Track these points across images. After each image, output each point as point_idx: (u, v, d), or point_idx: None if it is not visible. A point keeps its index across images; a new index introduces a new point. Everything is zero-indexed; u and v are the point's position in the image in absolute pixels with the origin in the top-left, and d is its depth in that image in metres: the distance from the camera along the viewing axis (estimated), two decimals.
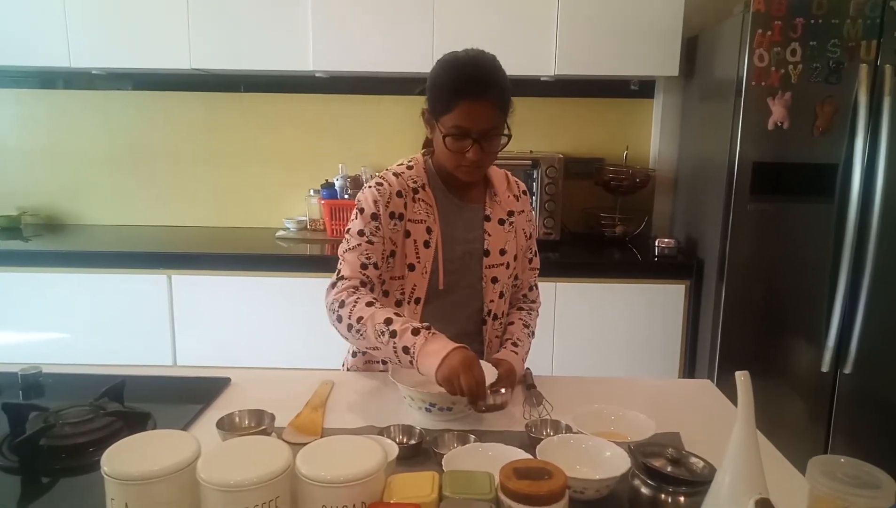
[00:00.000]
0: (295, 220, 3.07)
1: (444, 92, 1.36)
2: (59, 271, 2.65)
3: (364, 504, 0.83)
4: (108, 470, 0.82)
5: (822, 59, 2.23)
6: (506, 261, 1.53)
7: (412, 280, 1.46)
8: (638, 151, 3.10)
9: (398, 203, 1.45)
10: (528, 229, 1.61)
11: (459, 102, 1.33)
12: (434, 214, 1.47)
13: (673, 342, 2.66)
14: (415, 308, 1.46)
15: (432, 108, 1.40)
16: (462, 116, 1.34)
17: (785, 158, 2.31)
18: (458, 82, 1.34)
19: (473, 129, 1.34)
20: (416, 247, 1.45)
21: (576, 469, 1.03)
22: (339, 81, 3.06)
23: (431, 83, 1.40)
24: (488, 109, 1.34)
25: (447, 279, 1.47)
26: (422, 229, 1.45)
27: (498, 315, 1.55)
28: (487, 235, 1.51)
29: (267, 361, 2.64)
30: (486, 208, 1.53)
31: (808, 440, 2.45)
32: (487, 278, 1.51)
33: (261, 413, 1.18)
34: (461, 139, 1.36)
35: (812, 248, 2.34)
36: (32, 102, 3.17)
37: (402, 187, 1.46)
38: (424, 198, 1.47)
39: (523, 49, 2.69)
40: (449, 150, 1.38)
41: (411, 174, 1.48)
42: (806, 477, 0.84)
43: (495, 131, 1.38)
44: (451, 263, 1.48)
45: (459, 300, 1.50)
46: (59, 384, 1.42)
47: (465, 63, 1.37)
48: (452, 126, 1.35)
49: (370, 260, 1.42)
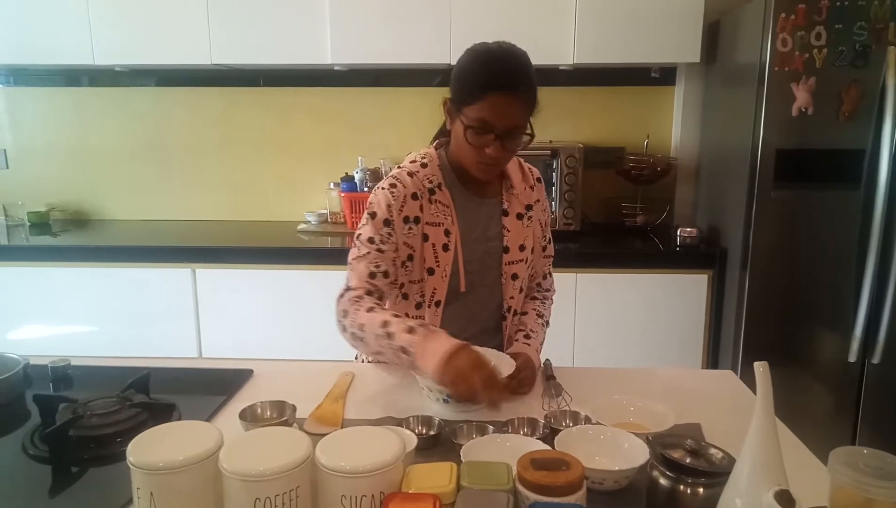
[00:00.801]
0: (316, 213, 3.09)
1: (472, 82, 1.30)
2: (87, 266, 2.71)
3: (382, 494, 0.84)
4: (133, 460, 0.84)
5: (847, 42, 2.17)
6: (525, 257, 1.50)
7: (432, 284, 1.42)
8: (659, 140, 3.06)
9: (413, 206, 1.40)
10: (542, 218, 1.58)
11: (487, 94, 1.28)
12: (452, 214, 1.42)
13: (696, 332, 2.63)
14: (435, 311, 1.44)
15: (457, 97, 1.34)
16: (488, 109, 1.29)
17: (809, 145, 2.26)
18: (488, 74, 1.29)
19: (498, 124, 1.30)
20: (434, 251, 1.41)
21: (594, 459, 1.03)
22: (357, 73, 3.07)
23: (459, 72, 1.34)
24: (516, 105, 1.30)
25: (467, 280, 1.44)
26: (440, 233, 1.41)
27: (517, 311, 1.54)
28: (506, 231, 1.48)
29: (290, 352, 2.67)
30: (503, 201, 1.49)
31: (835, 432, 2.41)
32: (507, 274, 1.48)
33: (282, 405, 1.20)
34: (483, 133, 1.31)
35: (838, 236, 2.30)
36: (59, 99, 3.23)
37: (417, 189, 1.41)
38: (441, 199, 1.42)
39: (542, 38, 2.66)
40: (469, 143, 1.33)
41: (426, 173, 1.43)
42: (827, 468, 0.83)
43: (519, 130, 1.33)
44: (471, 264, 1.45)
45: (479, 299, 1.49)
46: (88, 376, 1.46)
47: (499, 55, 1.32)
48: (476, 118, 1.30)
49: (379, 269, 1.38)
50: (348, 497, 0.84)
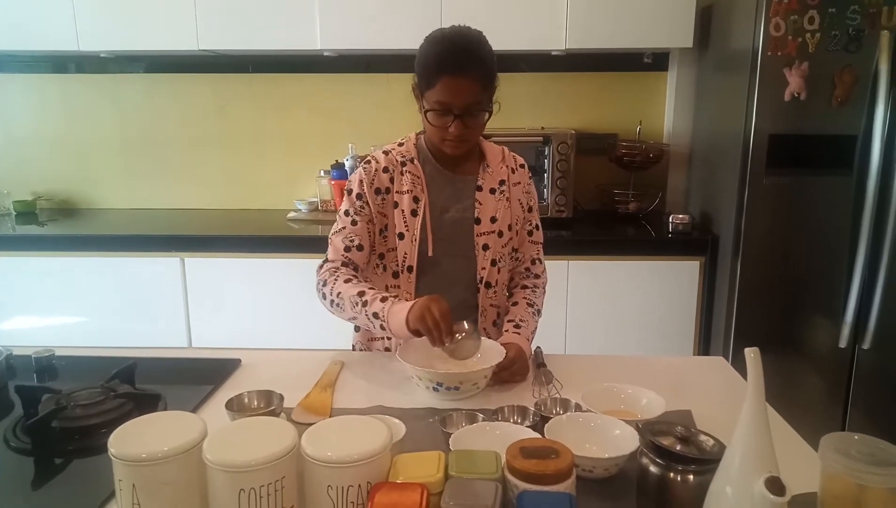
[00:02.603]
0: (306, 201, 3.07)
1: (427, 68, 1.38)
2: (75, 255, 2.68)
3: (369, 483, 0.83)
4: (114, 452, 0.82)
5: (841, 26, 2.16)
6: (497, 229, 1.53)
7: (403, 249, 1.49)
8: (651, 126, 3.05)
9: (384, 179, 1.49)
10: (525, 200, 1.60)
11: (441, 77, 1.35)
12: (422, 184, 1.49)
13: (687, 319, 2.63)
14: (409, 277, 1.49)
15: (418, 83, 1.43)
16: (443, 92, 1.36)
17: (802, 130, 2.25)
18: (439, 58, 1.36)
19: (455, 104, 1.37)
20: (403, 216, 1.48)
21: (584, 447, 1.02)
22: (347, 59, 3.04)
23: (417, 59, 1.42)
24: (469, 84, 1.36)
25: (438, 247, 1.49)
26: (409, 199, 1.48)
27: (492, 284, 1.55)
28: (478, 204, 1.52)
29: (280, 341, 2.65)
30: (478, 178, 1.54)
31: (826, 418, 2.42)
32: (479, 245, 1.52)
33: (270, 394, 1.19)
34: (443, 115, 1.38)
35: (830, 222, 2.30)
36: (45, 86, 3.18)
37: (388, 163, 1.50)
38: (412, 170, 1.50)
39: (533, 23, 2.63)
40: (432, 125, 1.41)
41: (401, 150, 1.52)
42: (818, 455, 0.83)
43: (477, 107, 1.39)
44: (441, 230, 1.50)
45: (453, 270, 1.52)
46: (72, 366, 1.44)
47: (449, 39, 1.39)
48: (434, 101, 1.38)
49: (353, 243, 1.49)
50: (334, 487, 0.82)
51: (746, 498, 0.74)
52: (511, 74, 2.99)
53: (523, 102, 3.03)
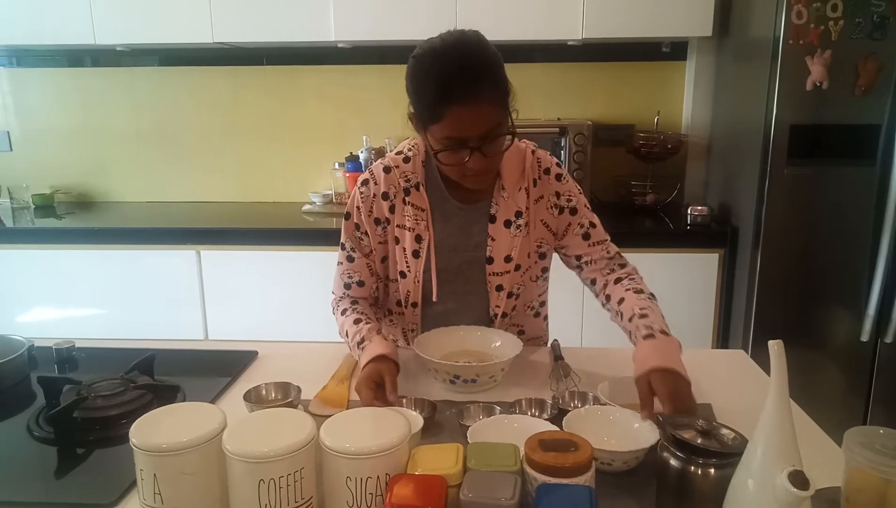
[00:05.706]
0: (321, 194, 3.07)
1: (426, 98, 1.14)
2: (93, 249, 2.70)
3: (388, 475, 0.83)
4: (136, 442, 0.83)
5: (865, 13, 2.11)
6: (512, 267, 1.36)
7: (405, 286, 1.38)
8: (670, 117, 3.01)
9: (383, 207, 1.32)
10: (554, 216, 1.40)
11: (448, 109, 1.12)
12: (426, 219, 1.31)
13: (706, 312, 2.60)
14: (413, 311, 1.41)
15: (419, 115, 1.19)
16: (454, 126, 1.13)
17: (824, 120, 2.21)
18: (443, 88, 1.11)
19: (470, 136, 1.14)
20: (405, 256, 1.34)
21: (603, 440, 1.01)
22: (361, 51, 3.03)
23: (411, 87, 1.19)
24: (484, 110, 1.13)
25: (444, 290, 1.36)
26: (411, 238, 1.32)
27: (507, 313, 1.42)
28: (491, 239, 1.34)
29: (296, 333, 2.66)
30: (491, 205, 1.33)
31: (847, 412, 2.39)
32: (492, 285, 1.37)
33: (287, 386, 1.19)
34: (458, 150, 1.16)
35: (852, 213, 2.26)
36: (62, 80, 3.20)
37: (389, 187, 1.32)
38: (416, 201, 1.31)
39: (549, 13, 2.60)
40: (445, 164, 1.20)
41: (405, 169, 1.32)
42: (842, 449, 0.81)
43: (496, 131, 1.16)
44: (448, 273, 1.36)
45: (461, 307, 1.41)
46: (92, 358, 1.45)
47: (448, 59, 1.14)
48: (444, 138, 1.15)
49: (352, 279, 1.40)
50: (353, 478, 0.82)
51: (769, 492, 0.73)
52: (526, 65, 2.96)
53: (539, 93, 3.01)
